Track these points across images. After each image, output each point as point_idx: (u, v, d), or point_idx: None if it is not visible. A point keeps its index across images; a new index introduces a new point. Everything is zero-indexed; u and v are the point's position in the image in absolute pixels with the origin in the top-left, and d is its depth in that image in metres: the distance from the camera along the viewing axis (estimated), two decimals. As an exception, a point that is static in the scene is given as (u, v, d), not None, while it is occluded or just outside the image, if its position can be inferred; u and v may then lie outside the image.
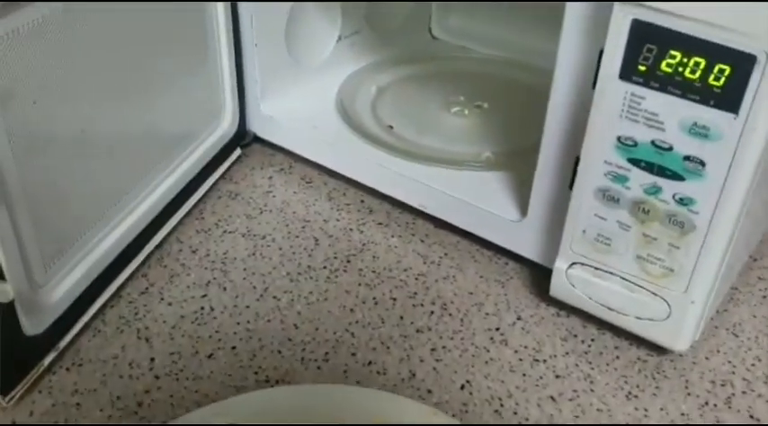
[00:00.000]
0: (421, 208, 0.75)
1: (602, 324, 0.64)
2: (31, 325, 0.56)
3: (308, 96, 0.88)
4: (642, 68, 0.51)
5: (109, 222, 0.65)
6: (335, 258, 0.72)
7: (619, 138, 0.54)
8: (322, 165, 0.82)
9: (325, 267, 0.71)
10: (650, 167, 0.54)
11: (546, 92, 0.63)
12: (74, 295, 0.61)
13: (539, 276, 0.69)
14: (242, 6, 0.77)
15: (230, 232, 0.75)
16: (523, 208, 0.67)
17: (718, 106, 0.49)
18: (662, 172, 0.53)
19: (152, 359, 0.61)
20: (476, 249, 0.74)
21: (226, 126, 0.82)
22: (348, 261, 0.72)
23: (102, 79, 0.61)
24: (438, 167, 0.76)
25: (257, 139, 0.87)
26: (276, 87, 0.84)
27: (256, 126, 0.86)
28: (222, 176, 0.82)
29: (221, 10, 0.75)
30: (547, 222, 0.65)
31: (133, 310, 0.65)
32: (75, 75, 0.57)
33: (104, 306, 0.65)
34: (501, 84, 0.92)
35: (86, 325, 0.63)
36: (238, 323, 0.64)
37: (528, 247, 0.69)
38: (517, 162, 0.76)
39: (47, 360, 0.59)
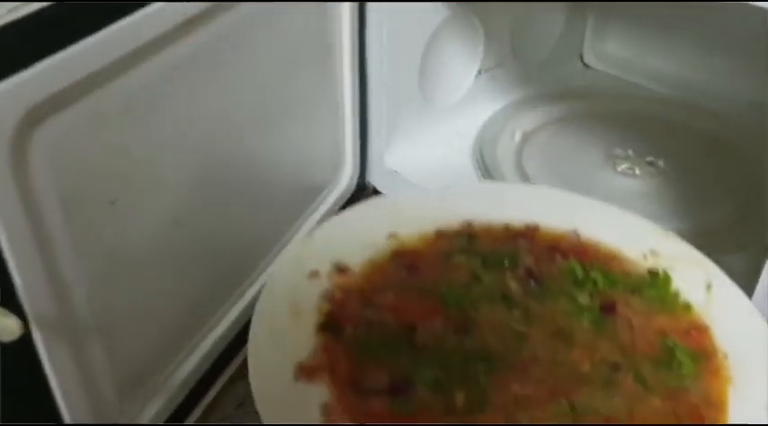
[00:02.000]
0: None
1: None
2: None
3: (440, 143, 0.73)
4: None
5: (199, 335, 0.53)
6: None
7: None
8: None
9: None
10: None
11: (740, 145, 0.47)
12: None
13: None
14: (372, 38, 0.63)
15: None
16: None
17: None
18: None
19: None
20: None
21: (344, 183, 0.68)
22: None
23: (199, 158, 0.48)
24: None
25: (377, 192, 0.74)
26: (403, 133, 0.70)
27: (377, 179, 0.72)
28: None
29: (347, 42, 0.61)
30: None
31: (228, 429, 0.53)
32: (164, 158, 0.45)
33: None
34: (677, 132, 0.75)
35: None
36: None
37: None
38: (711, 244, 0.59)
39: None
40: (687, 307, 0.47)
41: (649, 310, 0.47)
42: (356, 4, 0.60)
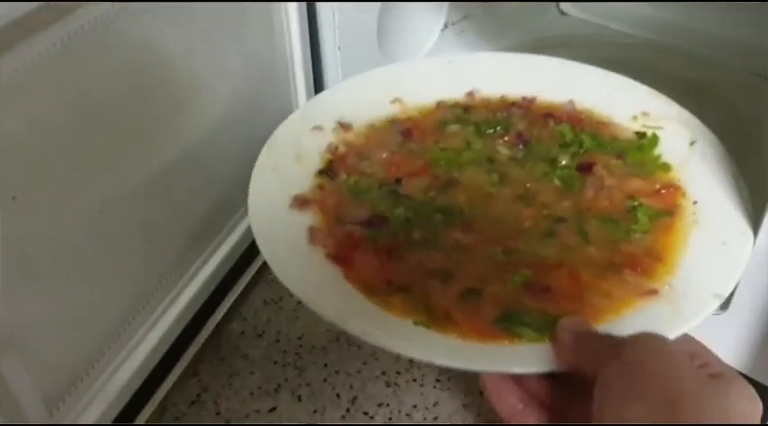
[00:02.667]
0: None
1: None
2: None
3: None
4: None
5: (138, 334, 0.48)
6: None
7: None
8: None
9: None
10: None
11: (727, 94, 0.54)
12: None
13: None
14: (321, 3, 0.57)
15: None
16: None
17: None
18: None
19: None
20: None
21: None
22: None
23: (120, 133, 0.43)
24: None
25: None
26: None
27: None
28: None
29: (294, 13, 0.56)
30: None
31: (180, 430, 0.49)
32: (74, 140, 0.39)
33: None
34: (662, 80, 0.70)
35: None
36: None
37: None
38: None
39: None
40: (666, 167, 0.49)
41: (627, 173, 0.49)
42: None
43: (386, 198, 0.48)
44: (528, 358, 0.37)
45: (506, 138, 0.53)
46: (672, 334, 0.36)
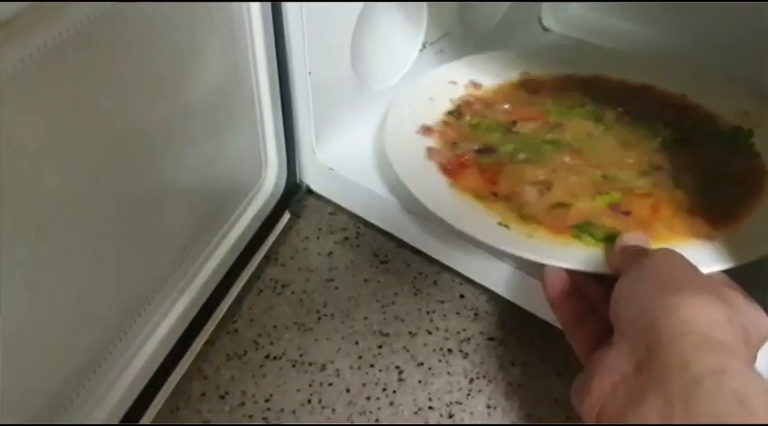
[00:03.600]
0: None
1: None
2: None
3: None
4: None
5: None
6: (432, 408, 0.49)
7: None
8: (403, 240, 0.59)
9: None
10: None
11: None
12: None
13: None
14: (291, 23, 0.52)
15: (276, 357, 0.52)
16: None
17: None
18: None
19: None
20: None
21: (269, 186, 0.58)
22: (451, 416, 0.48)
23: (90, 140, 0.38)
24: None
25: (312, 192, 0.63)
26: (337, 123, 0.60)
27: (310, 177, 0.62)
28: (266, 255, 0.59)
29: (259, 31, 0.50)
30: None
31: None
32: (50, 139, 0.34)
33: None
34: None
35: None
36: None
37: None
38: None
39: None
40: (756, 155, 0.55)
41: (721, 153, 0.55)
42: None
43: (499, 134, 0.57)
44: (579, 258, 0.44)
45: (618, 109, 0.59)
46: (705, 269, 0.41)
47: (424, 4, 0.62)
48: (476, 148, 0.55)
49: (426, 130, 0.57)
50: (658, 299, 0.35)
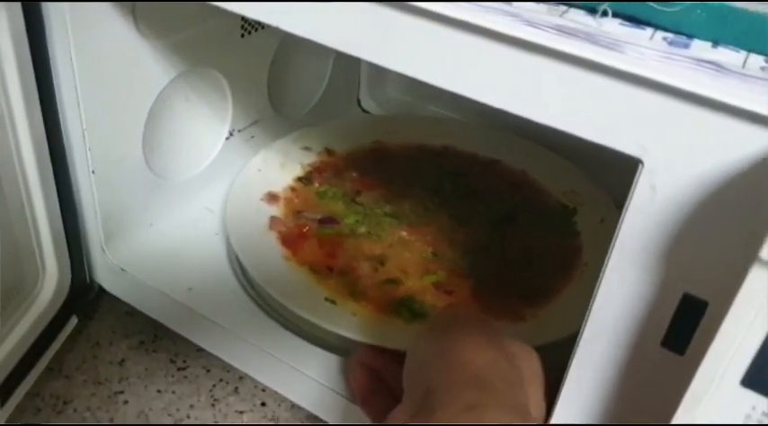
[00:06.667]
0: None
1: None
2: None
3: (184, 225, 0.59)
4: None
5: None
6: None
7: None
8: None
9: None
10: None
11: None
12: None
13: None
14: (69, 116, 0.48)
15: (46, 494, 0.46)
16: None
17: None
18: None
19: None
20: None
21: (49, 288, 0.53)
22: None
23: None
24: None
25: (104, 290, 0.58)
26: (130, 218, 0.56)
27: (102, 276, 0.57)
28: (48, 367, 0.53)
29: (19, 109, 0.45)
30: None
31: None
32: None
33: None
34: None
35: None
36: None
37: None
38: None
39: None
40: (575, 235, 0.58)
41: (544, 230, 0.59)
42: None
43: (343, 204, 0.59)
44: (394, 336, 0.46)
45: (460, 182, 0.63)
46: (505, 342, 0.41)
47: (228, 92, 0.59)
48: (319, 218, 0.57)
49: (271, 198, 0.58)
50: (432, 349, 0.38)
